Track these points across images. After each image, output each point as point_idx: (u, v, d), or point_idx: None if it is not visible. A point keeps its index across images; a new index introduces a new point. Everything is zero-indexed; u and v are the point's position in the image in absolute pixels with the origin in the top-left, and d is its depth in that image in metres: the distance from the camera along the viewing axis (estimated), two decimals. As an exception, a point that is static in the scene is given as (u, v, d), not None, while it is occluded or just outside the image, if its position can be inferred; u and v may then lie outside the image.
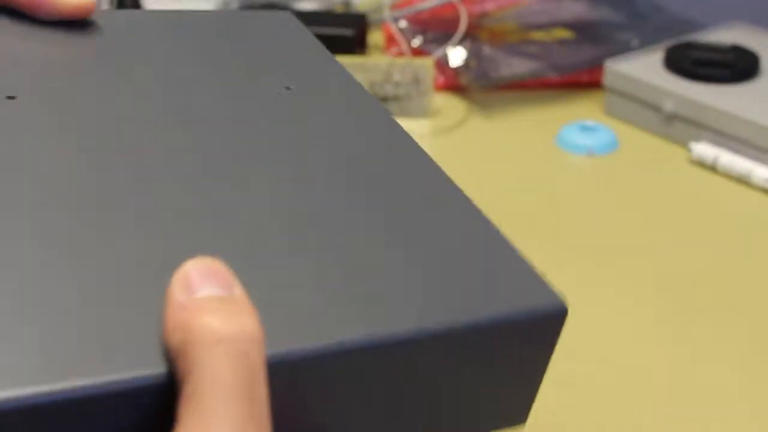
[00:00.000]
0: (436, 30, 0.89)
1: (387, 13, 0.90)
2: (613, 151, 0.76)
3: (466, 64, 0.85)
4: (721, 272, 0.60)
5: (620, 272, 0.61)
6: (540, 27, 0.90)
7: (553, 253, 0.62)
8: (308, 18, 0.90)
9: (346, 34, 0.87)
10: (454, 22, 0.86)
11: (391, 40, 0.89)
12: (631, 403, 0.51)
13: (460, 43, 0.85)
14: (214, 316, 0.25)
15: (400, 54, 0.86)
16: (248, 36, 0.42)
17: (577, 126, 0.77)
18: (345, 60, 0.80)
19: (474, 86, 0.79)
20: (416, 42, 0.87)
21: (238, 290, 0.27)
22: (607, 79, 0.79)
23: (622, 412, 0.50)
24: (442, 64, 0.85)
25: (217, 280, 0.27)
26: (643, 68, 0.78)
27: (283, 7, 0.91)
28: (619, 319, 0.57)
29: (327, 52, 0.40)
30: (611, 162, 0.75)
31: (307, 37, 0.41)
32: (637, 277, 0.60)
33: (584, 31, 0.88)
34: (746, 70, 0.75)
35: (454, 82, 0.80)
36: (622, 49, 0.83)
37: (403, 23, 0.90)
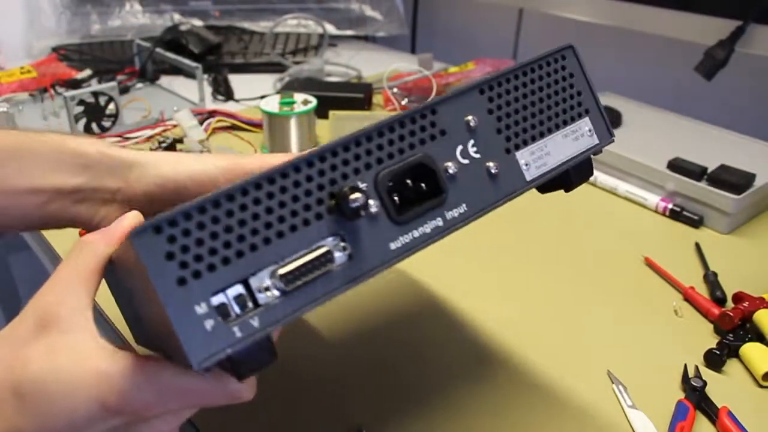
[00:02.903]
0: (417, 93, 1.06)
1: (385, 83, 1.06)
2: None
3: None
4: (598, 248, 0.73)
5: (533, 248, 0.73)
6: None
7: (489, 233, 0.74)
8: (334, 87, 1.07)
9: (359, 97, 1.04)
10: (428, 89, 1.04)
11: (388, 100, 1.06)
12: (554, 330, 0.61)
13: (432, 102, 1.03)
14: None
15: (394, 109, 1.03)
16: None
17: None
18: (358, 113, 0.99)
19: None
20: (404, 101, 1.04)
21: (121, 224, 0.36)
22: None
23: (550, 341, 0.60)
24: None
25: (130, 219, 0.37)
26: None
27: (319, 81, 1.10)
28: (542, 279, 0.68)
29: None
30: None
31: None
32: (544, 249, 0.72)
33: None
34: (613, 122, 0.92)
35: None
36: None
37: (395, 89, 1.07)
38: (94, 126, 0.94)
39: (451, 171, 0.35)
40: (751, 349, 0.58)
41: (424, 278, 0.67)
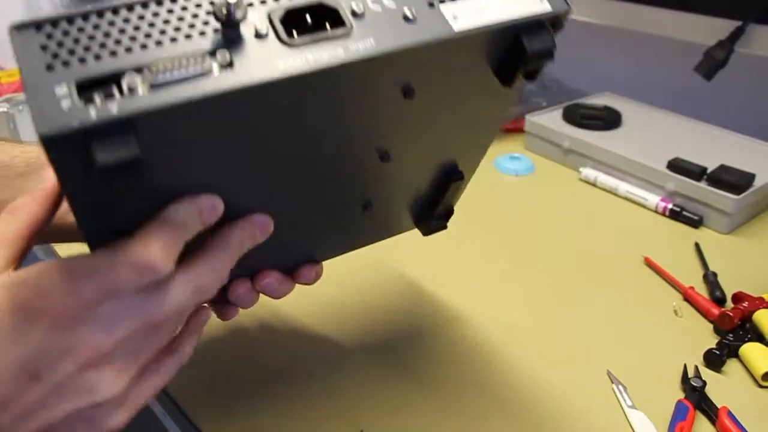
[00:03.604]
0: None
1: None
2: (531, 173, 0.90)
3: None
4: (598, 248, 0.74)
5: (533, 248, 0.74)
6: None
7: (491, 232, 0.76)
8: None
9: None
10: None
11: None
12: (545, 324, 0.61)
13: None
14: None
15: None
16: None
17: (507, 156, 0.91)
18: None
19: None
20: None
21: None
22: (527, 126, 0.94)
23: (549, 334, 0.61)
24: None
25: None
26: (550, 120, 0.93)
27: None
28: (539, 282, 0.68)
29: None
30: (530, 180, 0.88)
31: None
32: (544, 249, 0.73)
33: (512, 95, 1.04)
34: (613, 122, 0.93)
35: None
36: (536, 108, 0.99)
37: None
38: (94, 126, 0.93)
39: (358, 11, 0.34)
40: (750, 349, 0.58)
41: (424, 280, 0.67)
